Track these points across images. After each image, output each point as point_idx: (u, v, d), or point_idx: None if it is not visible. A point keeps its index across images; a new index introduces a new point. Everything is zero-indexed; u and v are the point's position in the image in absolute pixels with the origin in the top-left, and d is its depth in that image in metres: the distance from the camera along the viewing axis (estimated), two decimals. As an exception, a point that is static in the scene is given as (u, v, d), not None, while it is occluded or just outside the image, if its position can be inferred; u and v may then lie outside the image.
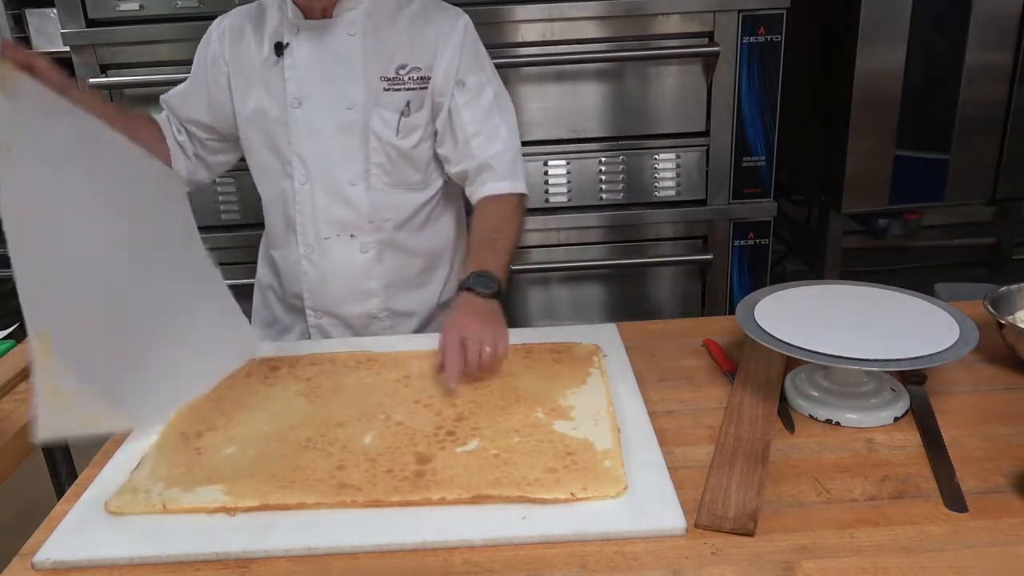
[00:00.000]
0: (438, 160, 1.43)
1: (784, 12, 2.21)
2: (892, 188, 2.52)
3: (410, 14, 1.36)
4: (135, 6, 2.22)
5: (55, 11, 2.28)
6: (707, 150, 2.35)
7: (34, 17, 2.60)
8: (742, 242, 2.42)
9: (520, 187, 1.38)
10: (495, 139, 1.37)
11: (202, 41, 1.43)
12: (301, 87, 1.34)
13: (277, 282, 1.52)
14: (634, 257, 2.39)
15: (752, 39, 2.23)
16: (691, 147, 2.35)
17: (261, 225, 2.42)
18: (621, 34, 2.24)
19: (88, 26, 2.22)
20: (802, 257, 2.98)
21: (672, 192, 2.38)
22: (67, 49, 2.25)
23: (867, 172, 2.50)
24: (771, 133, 2.32)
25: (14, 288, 0.92)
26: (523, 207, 1.40)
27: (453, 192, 1.49)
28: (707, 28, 2.23)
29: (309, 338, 1.49)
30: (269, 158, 1.40)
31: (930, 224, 2.91)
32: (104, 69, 2.26)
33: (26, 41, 2.61)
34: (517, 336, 1.31)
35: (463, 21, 1.38)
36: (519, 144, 1.41)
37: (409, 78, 1.35)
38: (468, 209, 1.50)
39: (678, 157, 2.36)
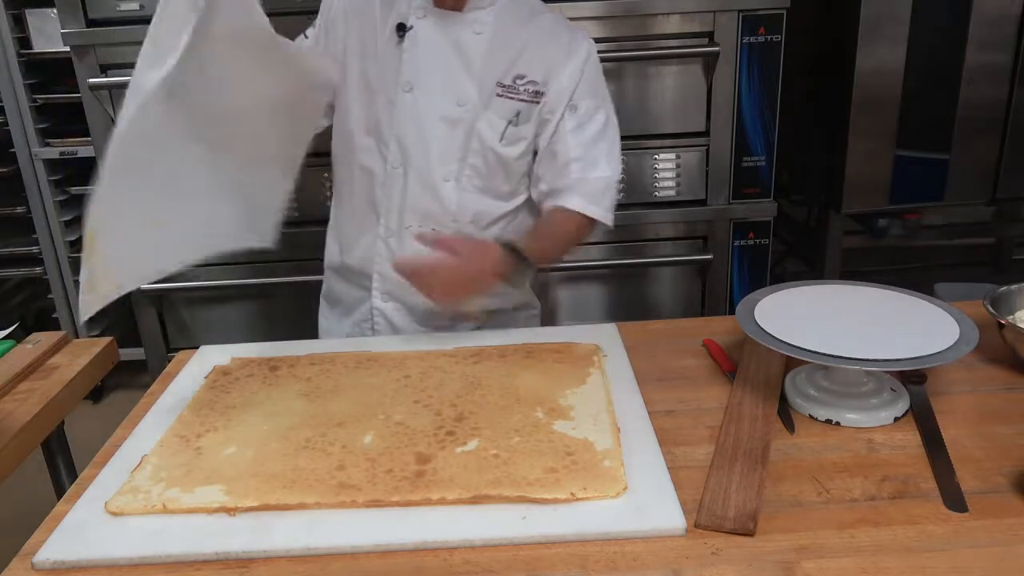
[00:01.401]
0: (528, 176, 1.42)
1: (784, 12, 2.21)
2: (892, 188, 2.52)
3: (538, 27, 1.35)
4: (135, 6, 2.22)
5: (55, 11, 2.29)
6: (707, 150, 2.35)
7: (34, 17, 2.60)
8: (742, 242, 2.43)
9: (598, 213, 1.35)
10: (594, 167, 1.35)
11: (323, 7, 1.41)
12: (416, 72, 1.33)
13: (341, 260, 1.50)
14: (634, 257, 2.40)
15: (752, 39, 2.23)
16: (691, 147, 2.35)
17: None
18: (621, 34, 2.24)
19: (88, 26, 2.23)
20: (802, 257, 2.98)
21: (672, 192, 2.38)
22: (67, 49, 2.25)
23: (867, 172, 2.50)
24: (771, 133, 2.32)
25: (14, 288, 0.92)
26: (588, 232, 1.39)
27: (533, 210, 1.47)
28: (707, 28, 2.23)
29: (372, 321, 1.47)
30: (365, 135, 1.38)
31: (930, 224, 2.91)
32: (104, 69, 2.26)
33: (26, 41, 2.62)
34: (517, 336, 1.31)
35: (588, 45, 1.36)
36: (618, 176, 1.38)
37: (524, 89, 1.34)
38: None
39: (678, 157, 2.36)
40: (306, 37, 1.41)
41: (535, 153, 1.39)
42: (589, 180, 1.35)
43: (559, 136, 1.35)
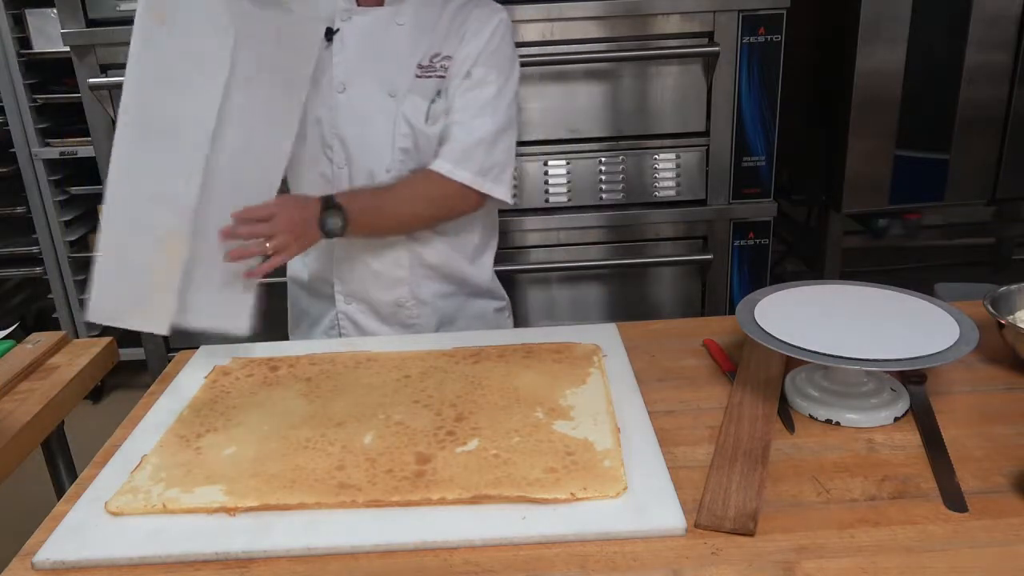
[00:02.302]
0: None
1: (784, 12, 2.21)
2: (892, 188, 2.52)
3: (454, 8, 1.38)
4: (135, 6, 2.21)
5: (55, 11, 2.28)
6: (707, 150, 2.35)
7: (34, 17, 2.60)
8: (742, 242, 2.43)
9: (461, 176, 1.33)
10: (472, 132, 1.33)
11: None
12: (347, 72, 1.36)
13: (305, 271, 1.52)
14: (634, 257, 2.40)
15: (752, 39, 2.23)
16: (691, 147, 2.35)
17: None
18: (621, 34, 2.24)
19: (88, 26, 2.22)
20: (802, 257, 2.98)
21: (672, 192, 2.38)
22: (67, 49, 2.25)
23: (867, 172, 2.50)
24: (771, 133, 2.32)
25: (14, 288, 0.92)
26: (454, 201, 1.36)
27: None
28: (707, 28, 2.23)
29: (338, 327, 1.49)
30: (311, 142, 1.40)
31: (930, 224, 2.91)
32: (104, 69, 2.26)
33: (26, 41, 2.62)
34: (517, 336, 1.31)
35: (498, 18, 1.37)
36: (500, 151, 1.36)
37: (441, 66, 1.36)
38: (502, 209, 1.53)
39: (678, 157, 2.36)
40: None
41: None
42: (460, 142, 1.33)
43: (451, 100, 1.35)
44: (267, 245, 1.21)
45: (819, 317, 1.11)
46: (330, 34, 1.36)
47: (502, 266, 1.77)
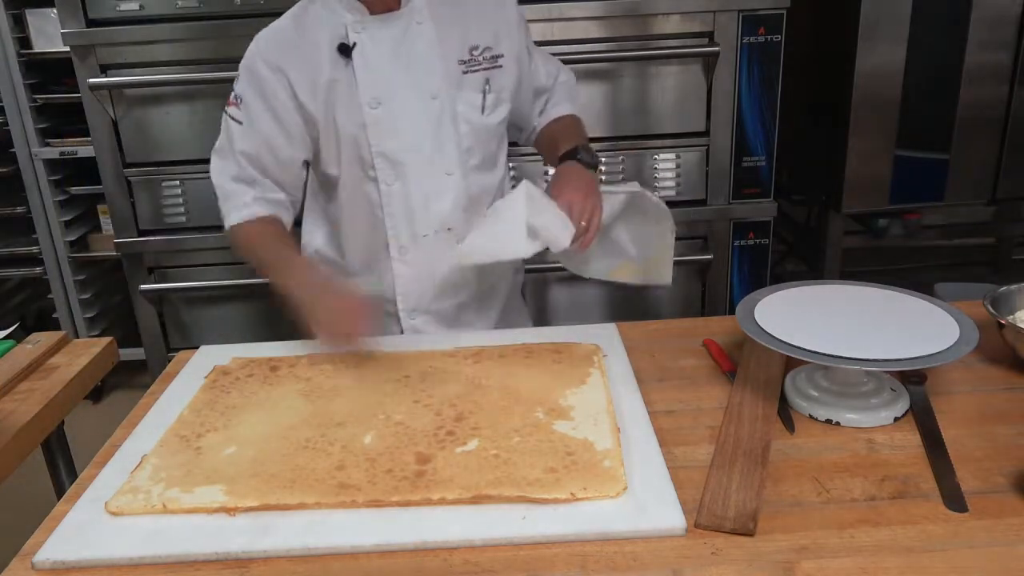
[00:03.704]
0: (506, 137, 1.47)
1: (784, 12, 2.21)
2: (892, 188, 2.52)
3: None
4: (135, 6, 2.22)
5: (55, 11, 2.29)
6: (707, 150, 2.35)
7: (34, 17, 2.61)
8: (742, 242, 2.43)
9: (577, 111, 1.51)
10: (560, 73, 1.51)
11: (245, 81, 1.32)
12: (377, 86, 1.30)
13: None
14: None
15: (752, 39, 2.23)
16: (691, 147, 2.35)
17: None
18: (621, 34, 2.24)
19: (88, 26, 2.23)
20: (802, 257, 2.98)
21: (672, 192, 2.38)
22: (67, 49, 2.25)
23: (867, 172, 2.50)
24: (771, 133, 2.32)
25: (14, 288, 0.93)
26: None
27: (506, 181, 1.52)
28: (707, 28, 2.23)
29: None
30: (347, 167, 1.34)
31: (930, 224, 2.91)
32: (104, 69, 2.26)
33: (26, 41, 2.62)
34: (517, 336, 1.31)
35: None
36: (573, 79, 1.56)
37: (483, 58, 1.35)
38: None
39: (678, 157, 2.36)
40: (238, 122, 1.33)
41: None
42: (565, 85, 1.51)
43: (533, 76, 1.47)
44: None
45: (819, 317, 1.11)
46: (346, 50, 1.28)
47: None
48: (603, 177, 2.31)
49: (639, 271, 1.39)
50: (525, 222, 1.18)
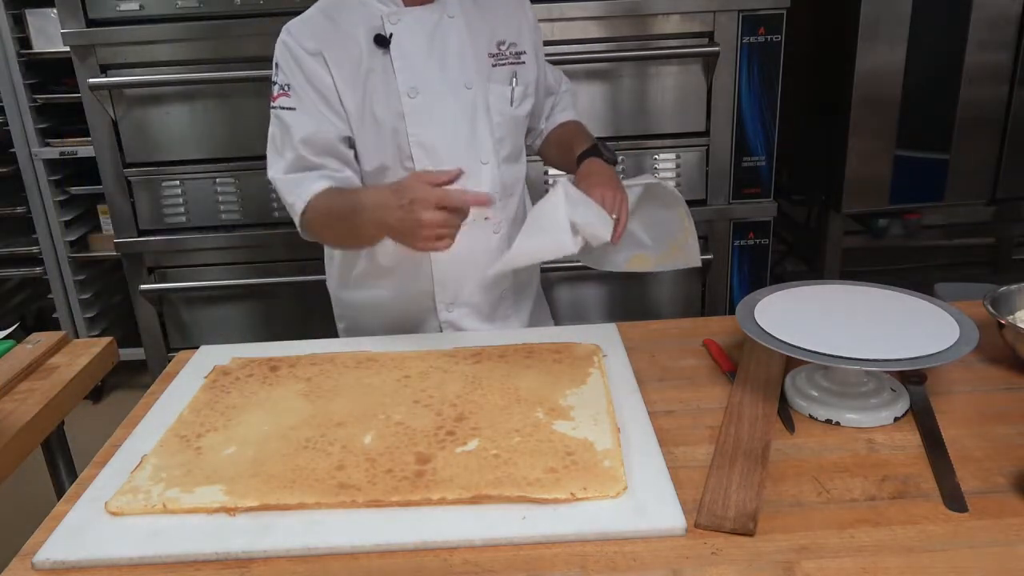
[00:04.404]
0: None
1: (784, 12, 2.21)
2: (892, 188, 2.52)
3: None
4: (135, 6, 2.22)
5: (55, 11, 2.29)
6: (707, 150, 2.35)
7: (34, 17, 2.61)
8: (742, 242, 2.43)
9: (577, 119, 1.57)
10: (564, 80, 1.58)
11: (289, 70, 1.30)
12: (415, 75, 1.31)
13: (392, 288, 1.44)
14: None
15: (752, 39, 2.23)
16: (691, 147, 2.35)
17: (261, 225, 2.41)
18: (621, 34, 2.24)
19: (88, 26, 2.23)
20: (802, 257, 2.98)
21: (672, 192, 2.37)
22: (67, 49, 2.25)
23: (867, 172, 2.50)
24: (771, 133, 2.32)
25: (14, 288, 0.93)
26: None
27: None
28: (707, 28, 2.23)
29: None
30: (383, 159, 1.34)
31: (930, 224, 2.92)
32: (104, 69, 2.26)
33: (26, 41, 2.62)
34: (517, 336, 1.31)
35: None
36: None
37: (509, 52, 1.39)
38: None
39: (678, 157, 2.36)
40: (290, 109, 1.30)
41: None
42: (568, 94, 1.58)
43: (547, 75, 1.51)
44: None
45: (819, 317, 1.11)
46: (382, 41, 1.30)
47: (502, 266, 1.77)
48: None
49: (655, 259, 1.41)
50: (568, 219, 1.19)
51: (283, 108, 1.31)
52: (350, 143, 1.34)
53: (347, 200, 1.27)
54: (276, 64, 1.32)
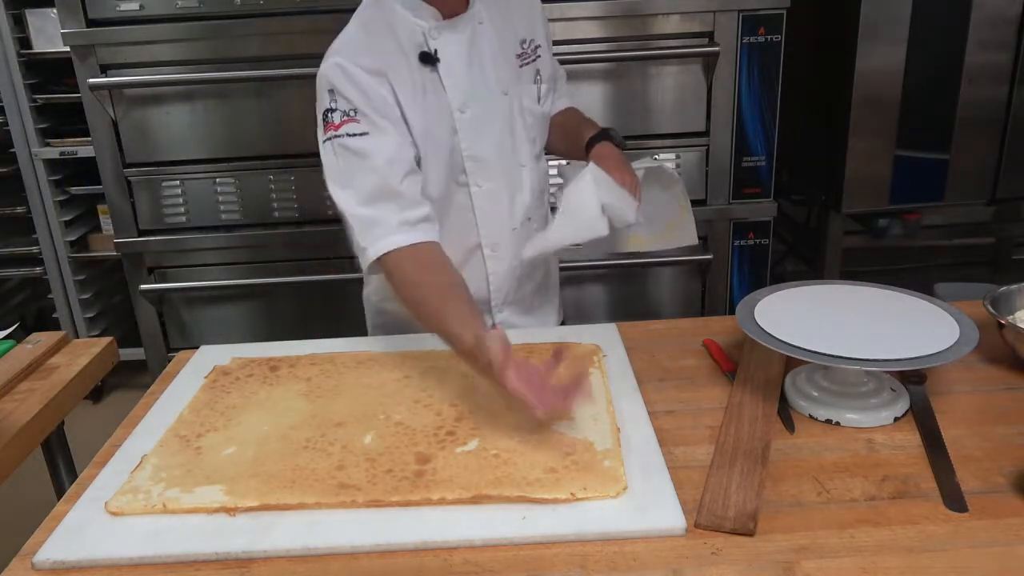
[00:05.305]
0: None
1: (784, 12, 2.21)
2: (892, 188, 2.52)
3: None
4: (135, 6, 2.22)
5: (55, 11, 2.29)
6: (707, 150, 2.35)
7: (34, 17, 2.61)
8: (742, 242, 2.43)
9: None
10: (557, 64, 1.54)
11: (349, 95, 1.19)
12: (463, 91, 1.28)
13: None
14: (634, 257, 2.39)
15: (752, 39, 2.23)
16: (691, 147, 2.35)
17: (261, 225, 2.41)
18: (621, 34, 2.24)
19: (88, 26, 2.23)
20: (802, 257, 2.98)
21: (672, 192, 2.37)
22: (67, 49, 2.25)
23: (867, 172, 2.50)
24: (771, 133, 2.32)
25: (14, 288, 0.93)
26: None
27: None
28: (707, 28, 2.23)
29: None
30: (437, 176, 1.29)
31: (930, 224, 2.91)
32: (104, 69, 2.26)
33: (26, 41, 2.62)
34: (517, 336, 1.31)
35: None
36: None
37: (530, 49, 1.38)
38: None
39: (678, 157, 2.36)
40: (362, 135, 1.20)
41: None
42: (563, 80, 1.55)
43: (544, 67, 1.46)
44: None
45: (819, 317, 1.11)
46: (428, 58, 1.24)
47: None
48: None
49: (652, 239, 1.43)
50: (599, 202, 1.22)
51: (351, 135, 1.20)
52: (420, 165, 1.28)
53: (440, 308, 1.15)
54: (331, 91, 1.21)
